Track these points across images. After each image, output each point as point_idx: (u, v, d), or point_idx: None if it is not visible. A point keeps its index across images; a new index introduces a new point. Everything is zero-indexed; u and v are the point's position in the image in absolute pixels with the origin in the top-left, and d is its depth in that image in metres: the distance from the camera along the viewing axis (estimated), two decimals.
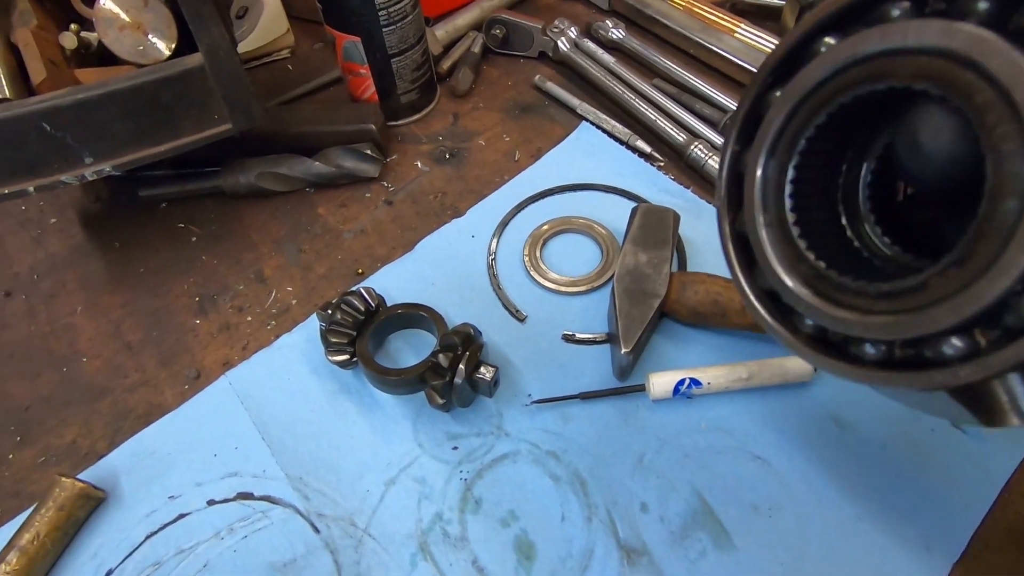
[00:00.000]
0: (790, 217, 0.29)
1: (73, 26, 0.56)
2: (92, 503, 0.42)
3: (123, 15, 0.52)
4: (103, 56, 0.57)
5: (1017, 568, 0.37)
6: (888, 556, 0.38)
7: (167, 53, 0.52)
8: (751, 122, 0.31)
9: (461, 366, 0.42)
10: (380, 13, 0.58)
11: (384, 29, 0.59)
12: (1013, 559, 0.37)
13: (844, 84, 0.26)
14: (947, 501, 0.39)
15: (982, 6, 0.23)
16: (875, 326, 0.25)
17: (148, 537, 0.41)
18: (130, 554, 0.40)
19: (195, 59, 0.49)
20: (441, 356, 0.42)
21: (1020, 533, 0.38)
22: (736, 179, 0.31)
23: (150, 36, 0.52)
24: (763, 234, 0.29)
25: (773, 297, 0.29)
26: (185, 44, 0.52)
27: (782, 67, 0.29)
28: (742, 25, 0.70)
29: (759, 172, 0.29)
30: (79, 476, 0.43)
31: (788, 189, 0.28)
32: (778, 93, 0.29)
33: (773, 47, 0.31)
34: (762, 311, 0.29)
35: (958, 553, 0.38)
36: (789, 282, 0.28)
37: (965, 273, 0.22)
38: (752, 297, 0.30)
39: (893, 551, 0.38)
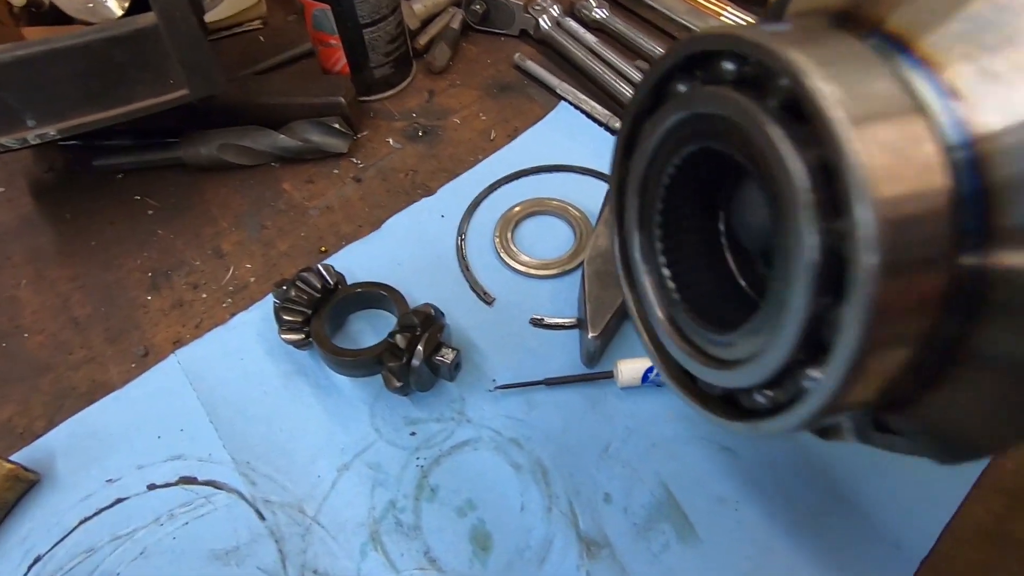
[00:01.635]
0: (663, 266, 0.30)
1: None
2: (23, 485, 0.39)
3: None
4: (56, 15, 0.54)
5: (986, 564, 0.36)
6: (857, 551, 0.37)
7: (119, 12, 0.49)
8: (621, 207, 0.32)
9: (420, 347, 0.40)
10: None
11: None
12: (982, 555, 0.36)
13: (672, 147, 0.27)
14: (918, 497, 0.38)
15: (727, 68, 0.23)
16: (713, 374, 0.26)
17: (82, 522, 0.39)
18: (62, 539, 0.38)
19: (148, 18, 0.46)
20: (399, 336, 0.40)
21: (989, 530, 0.37)
22: (626, 255, 0.32)
23: None
24: (649, 292, 0.31)
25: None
26: (140, 3, 0.50)
27: (628, 153, 0.30)
28: (728, 8, 0.68)
29: (635, 242, 0.31)
30: (12, 457, 0.41)
31: (657, 245, 0.30)
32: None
33: (617, 137, 0.31)
34: (658, 362, 0.31)
35: (927, 549, 0.36)
36: (662, 326, 0.30)
37: (757, 340, 0.23)
38: (647, 342, 0.32)
39: (862, 547, 0.37)
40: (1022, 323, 0.17)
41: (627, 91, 0.62)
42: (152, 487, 0.40)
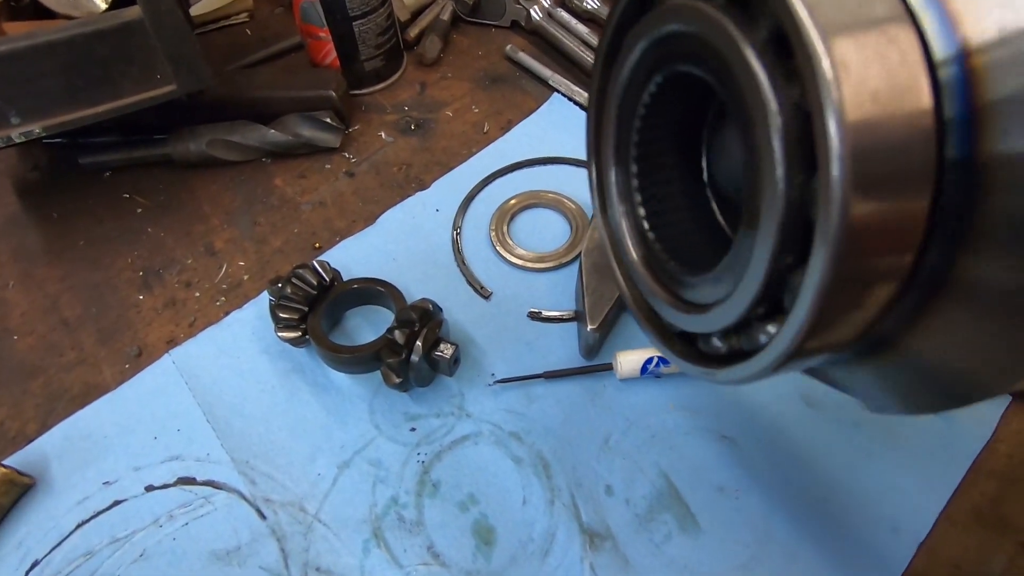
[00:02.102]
0: (638, 203, 0.28)
1: None
2: (18, 489, 0.39)
3: None
4: (38, 9, 0.53)
5: (981, 546, 0.36)
6: (855, 537, 0.37)
7: (103, 6, 0.48)
8: (598, 136, 0.30)
9: (418, 343, 0.40)
10: None
11: None
12: (978, 538, 0.37)
13: (650, 69, 0.25)
14: (914, 482, 0.39)
15: None
16: (677, 316, 0.26)
17: (79, 525, 0.38)
18: (59, 544, 0.38)
19: (132, 12, 0.45)
20: (397, 333, 0.39)
21: (984, 513, 0.38)
22: (601, 184, 0.31)
23: None
24: (623, 224, 0.29)
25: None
26: None
27: (606, 74, 0.28)
28: None
29: (612, 175, 0.29)
30: (5, 461, 0.40)
31: (634, 179, 0.28)
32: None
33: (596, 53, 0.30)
34: (630, 299, 0.30)
35: (924, 533, 0.37)
36: (635, 263, 0.28)
37: (720, 289, 0.22)
38: (620, 280, 0.30)
39: (860, 532, 0.37)
40: (1013, 250, 0.16)
41: None
42: (150, 488, 0.40)
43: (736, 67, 0.19)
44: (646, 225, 0.28)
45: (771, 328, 0.20)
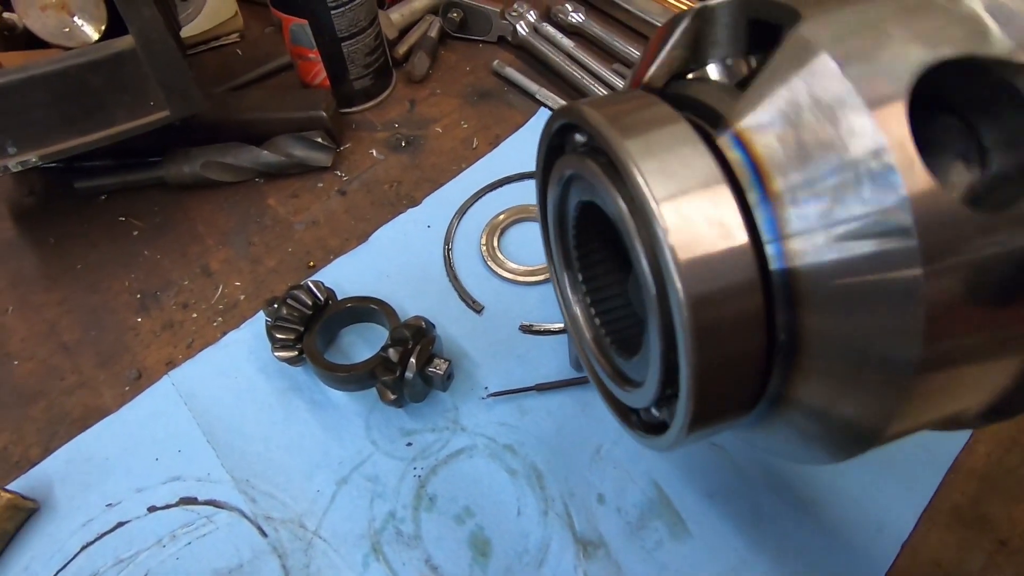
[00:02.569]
0: (588, 298, 0.33)
1: None
2: (22, 514, 0.40)
3: None
4: (31, 38, 0.54)
5: (962, 544, 0.38)
6: (841, 538, 0.38)
7: (95, 36, 0.49)
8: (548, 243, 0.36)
9: (412, 360, 0.41)
10: None
11: (332, 11, 0.57)
12: (959, 536, 0.38)
13: (573, 195, 0.29)
14: (897, 483, 0.40)
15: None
16: (615, 389, 0.30)
17: (84, 548, 0.39)
18: (64, 566, 0.38)
19: (125, 42, 0.46)
20: (391, 351, 0.40)
21: (964, 512, 0.39)
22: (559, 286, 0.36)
23: (76, 17, 0.48)
24: (579, 314, 0.34)
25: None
26: (117, 26, 0.49)
27: (545, 176, 0.32)
28: None
29: (565, 277, 0.34)
30: (8, 486, 0.41)
31: (581, 280, 0.33)
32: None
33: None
34: (589, 373, 0.34)
35: (907, 533, 0.38)
36: (588, 337, 0.33)
37: (642, 372, 0.26)
38: (582, 358, 0.34)
39: (846, 533, 0.38)
40: (831, 313, 0.19)
41: (604, 94, 0.63)
42: (152, 509, 0.41)
43: (613, 213, 0.23)
44: (593, 312, 0.33)
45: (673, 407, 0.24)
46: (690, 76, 0.24)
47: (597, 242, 0.31)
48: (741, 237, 0.20)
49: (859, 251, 0.17)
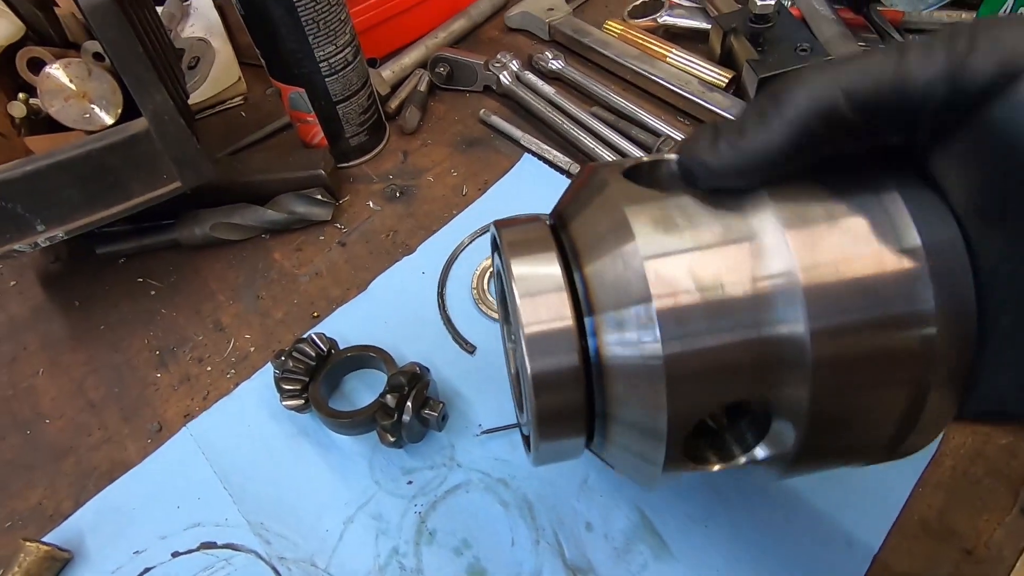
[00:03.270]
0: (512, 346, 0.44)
1: (21, 95, 0.58)
2: (58, 564, 0.43)
3: (69, 85, 0.53)
4: (53, 122, 0.59)
5: (931, 555, 0.40)
6: (815, 553, 0.41)
7: (112, 120, 0.54)
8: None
9: (408, 404, 0.44)
10: (321, 64, 0.61)
11: (327, 79, 0.62)
12: (927, 548, 0.40)
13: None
14: (867, 497, 0.42)
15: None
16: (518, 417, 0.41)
17: None
18: None
19: (140, 124, 0.51)
20: (388, 397, 0.44)
21: (931, 524, 0.41)
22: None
23: (95, 105, 0.53)
24: (509, 349, 0.45)
25: None
26: (131, 108, 0.54)
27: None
28: (673, 50, 0.74)
29: (504, 330, 0.46)
30: (44, 538, 0.45)
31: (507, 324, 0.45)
32: None
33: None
34: (516, 408, 0.43)
35: (877, 546, 0.40)
36: (512, 372, 0.44)
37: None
38: (513, 390, 0.44)
39: (819, 548, 0.41)
40: (618, 382, 0.29)
41: (584, 138, 0.67)
42: (176, 555, 0.44)
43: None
44: (512, 357, 0.43)
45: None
46: None
47: None
48: (570, 326, 0.29)
49: (634, 360, 0.27)
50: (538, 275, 0.29)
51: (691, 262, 0.26)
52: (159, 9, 0.87)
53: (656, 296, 0.26)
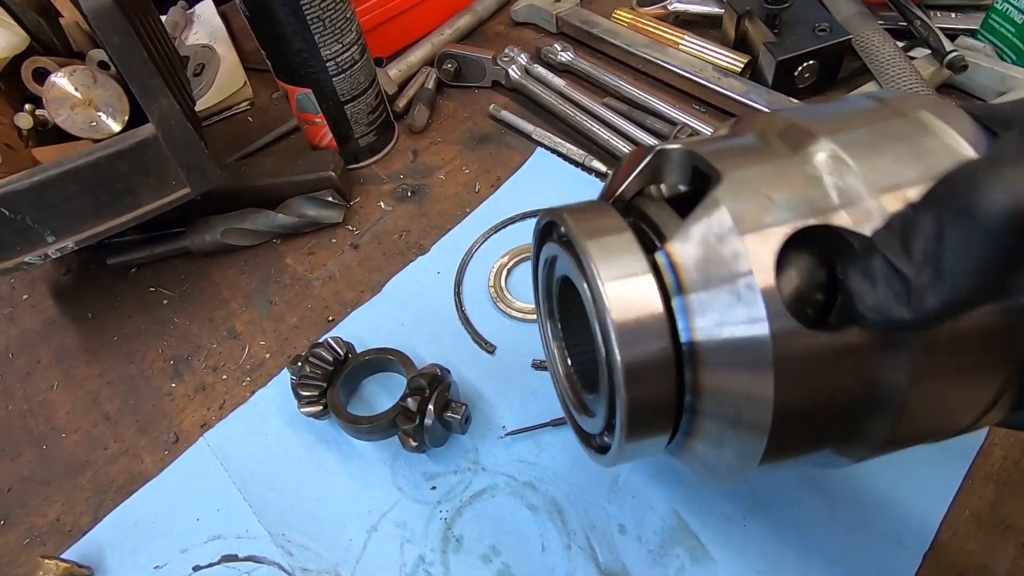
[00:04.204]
0: (565, 342, 0.40)
1: (28, 106, 0.57)
2: None
3: (74, 93, 0.53)
4: (61, 132, 0.58)
5: (985, 551, 0.38)
6: (862, 552, 0.39)
7: (119, 127, 0.53)
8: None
9: (430, 407, 0.43)
10: (328, 64, 0.60)
11: (334, 79, 0.61)
12: (982, 542, 0.38)
13: (555, 269, 0.36)
14: (914, 493, 0.40)
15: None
16: (579, 418, 0.37)
17: None
18: None
19: (147, 130, 0.50)
20: (409, 400, 0.43)
21: (984, 517, 0.39)
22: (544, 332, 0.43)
23: (101, 112, 0.53)
24: (557, 356, 0.41)
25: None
26: (137, 115, 0.54)
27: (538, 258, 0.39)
28: (686, 37, 0.72)
29: (548, 325, 0.41)
30: (63, 554, 0.44)
31: (559, 329, 0.40)
32: None
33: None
34: (561, 404, 0.40)
35: (928, 543, 0.38)
36: (564, 385, 0.39)
37: (597, 406, 0.34)
38: (557, 392, 0.41)
39: (866, 547, 0.39)
40: (716, 377, 0.26)
41: (598, 129, 0.66)
42: (197, 568, 0.43)
43: (579, 290, 0.30)
44: (567, 354, 0.40)
45: (607, 438, 0.32)
46: (651, 191, 0.32)
47: (572, 304, 0.37)
48: (660, 313, 0.27)
49: (735, 341, 0.25)
50: (619, 258, 0.27)
51: (789, 235, 0.24)
52: (163, 17, 0.87)
53: (758, 271, 0.24)
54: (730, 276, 0.25)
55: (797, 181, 0.26)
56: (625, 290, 0.27)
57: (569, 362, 0.40)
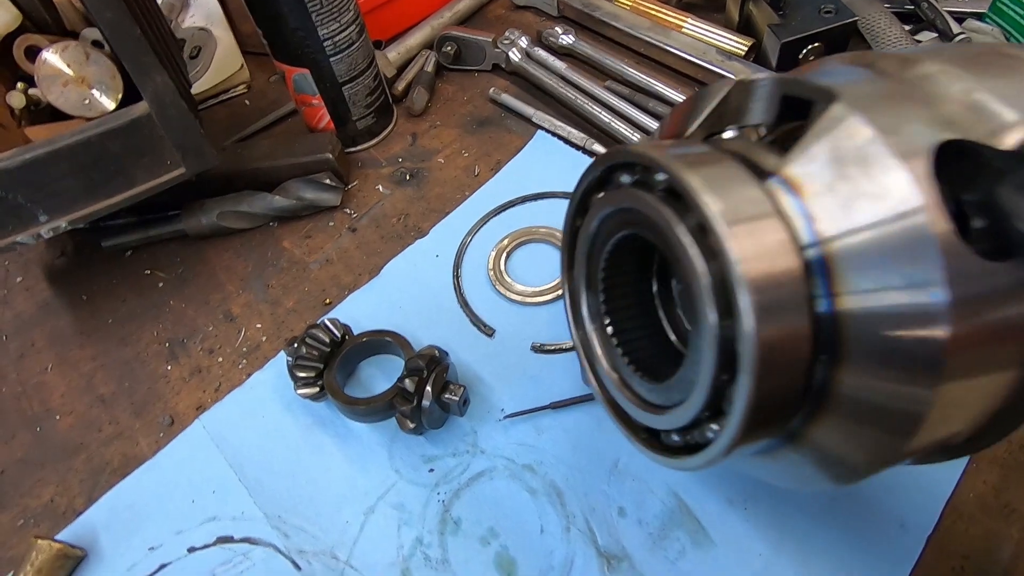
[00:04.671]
0: (607, 323, 0.34)
1: (20, 85, 0.57)
2: (71, 563, 0.42)
3: (66, 70, 0.52)
4: (54, 111, 0.57)
5: (988, 535, 0.37)
6: (864, 536, 0.38)
7: (113, 105, 0.52)
8: (571, 261, 0.36)
9: (428, 388, 0.42)
10: (326, 44, 0.59)
11: (331, 59, 0.60)
12: (984, 528, 0.38)
13: (611, 229, 0.31)
14: (917, 476, 0.40)
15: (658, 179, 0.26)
16: (639, 414, 0.31)
17: None
18: None
19: (140, 108, 0.49)
20: (407, 381, 0.42)
21: (988, 502, 0.39)
22: (575, 302, 0.37)
23: (94, 90, 0.52)
24: (593, 341, 0.34)
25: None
26: (132, 93, 0.53)
27: (579, 216, 0.34)
28: (689, 20, 0.71)
29: (583, 297, 0.35)
30: (57, 536, 0.43)
31: (602, 303, 0.34)
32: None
33: (569, 202, 0.35)
34: (604, 401, 0.35)
35: (931, 526, 0.38)
36: (606, 376, 0.34)
37: (674, 395, 0.28)
38: (601, 396, 0.35)
39: (869, 530, 0.38)
40: (862, 366, 0.21)
41: (599, 113, 0.65)
42: (192, 550, 0.42)
43: (674, 243, 0.24)
44: (614, 341, 0.34)
45: (715, 427, 0.25)
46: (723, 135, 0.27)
47: (626, 274, 0.33)
48: (798, 270, 0.21)
49: (894, 303, 0.19)
50: (734, 193, 0.21)
51: (935, 154, 0.19)
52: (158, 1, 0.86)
53: (929, 206, 0.18)
54: (889, 216, 0.19)
55: (920, 97, 0.21)
56: (753, 236, 0.21)
57: (619, 351, 0.33)
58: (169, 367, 0.53)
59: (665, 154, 0.24)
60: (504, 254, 0.56)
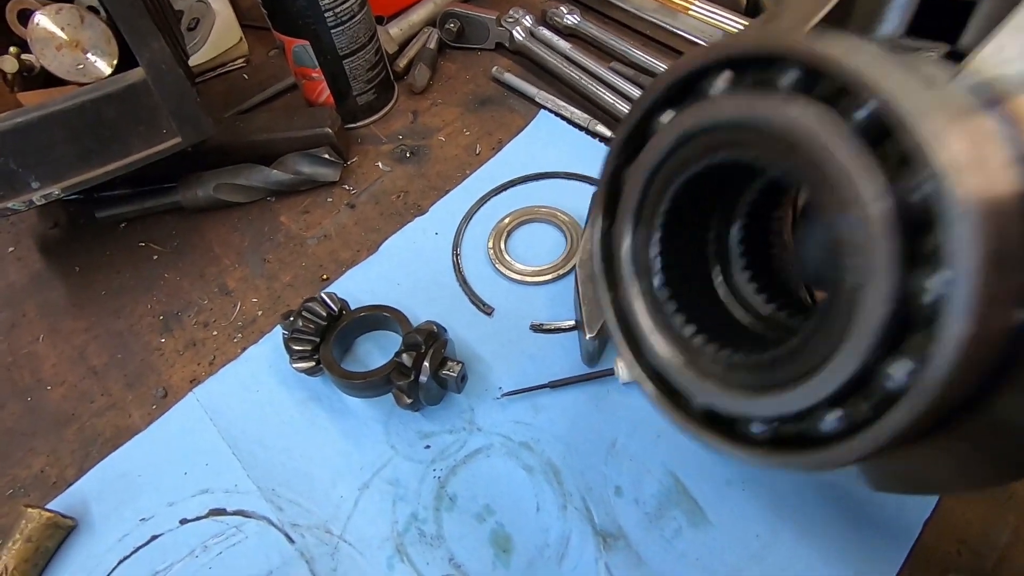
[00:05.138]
0: (657, 281, 0.27)
1: (12, 49, 0.55)
2: (61, 532, 0.41)
3: (60, 33, 0.50)
4: (48, 77, 0.56)
5: (985, 518, 0.37)
6: (862, 517, 0.38)
7: (108, 70, 0.51)
8: (613, 198, 0.28)
9: (426, 364, 0.42)
10: (327, 14, 0.57)
11: (332, 30, 0.59)
12: (982, 512, 0.38)
13: (689, 156, 0.24)
14: None
15: (789, 78, 0.20)
16: (733, 398, 0.23)
17: (121, 562, 0.41)
18: None
19: (136, 74, 0.48)
20: (405, 356, 0.41)
21: None
22: (609, 254, 0.29)
23: (89, 54, 0.51)
24: (636, 304, 0.27)
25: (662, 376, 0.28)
26: (128, 60, 0.51)
27: (631, 143, 0.27)
28: (696, 2, 0.70)
29: (626, 244, 0.27)
30: (48, 505, 0.43)
31: (654, 253, 0.27)
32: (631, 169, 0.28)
33: (620, 125, 0.28)
34: (651, 385, 0.27)
35: (929, 510, 0.38)
36: (657, 347, 0.26)
37: (783, 374, 0.21)
38: (640, 370, 0.28)
39: (866, 512, 0.38)
40: None
41: (603, 93, 0.64)
42: (184, 522, 0.42)
43: (824, 159, 0.18)
44: (673, 305, 0.27)
45: (899, 368, 0.19)
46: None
47: (690, 224, 0.26)
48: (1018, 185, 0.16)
49: None
50: (921, 86, 0.16)
51: None
52: None
53: None
54: None
55: None
56: (967, 142, 0.16)
57: (678, 314, 0.26)
58: (163, 340, 0.53)
59: (817, 49, 0.18)
60: (505, 233, 0.55)
